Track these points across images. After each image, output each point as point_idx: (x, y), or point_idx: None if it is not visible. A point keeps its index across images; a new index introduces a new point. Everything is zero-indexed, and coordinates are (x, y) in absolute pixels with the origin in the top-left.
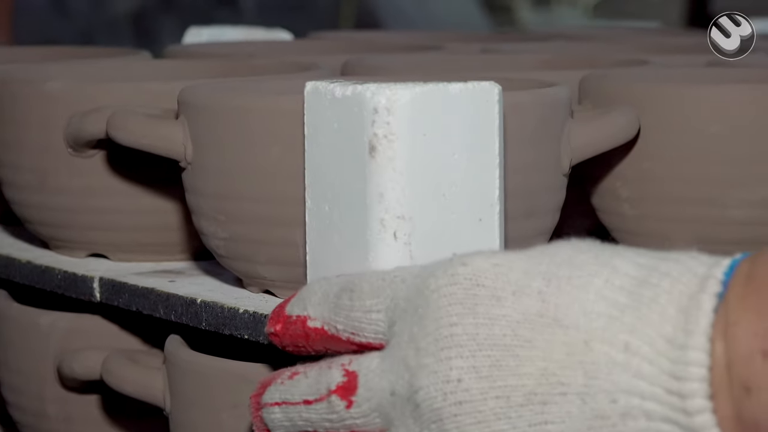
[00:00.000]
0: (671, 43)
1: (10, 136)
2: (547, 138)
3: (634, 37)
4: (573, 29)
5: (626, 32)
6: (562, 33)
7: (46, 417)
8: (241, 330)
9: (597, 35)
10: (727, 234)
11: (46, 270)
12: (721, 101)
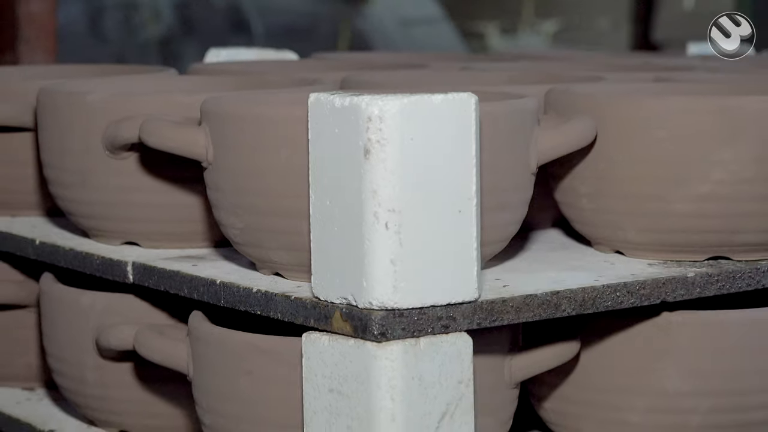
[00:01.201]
0: (621, 64)
1: (55, 142)
2: (517, 142)
3: (590, 59)
4: (537, 52)
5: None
6: (527, 55)
7: (85, 382)
8: (255, 307)
9: (557, 57)
10: (671, 225)
11: (86, 256)
12: (666, 111)
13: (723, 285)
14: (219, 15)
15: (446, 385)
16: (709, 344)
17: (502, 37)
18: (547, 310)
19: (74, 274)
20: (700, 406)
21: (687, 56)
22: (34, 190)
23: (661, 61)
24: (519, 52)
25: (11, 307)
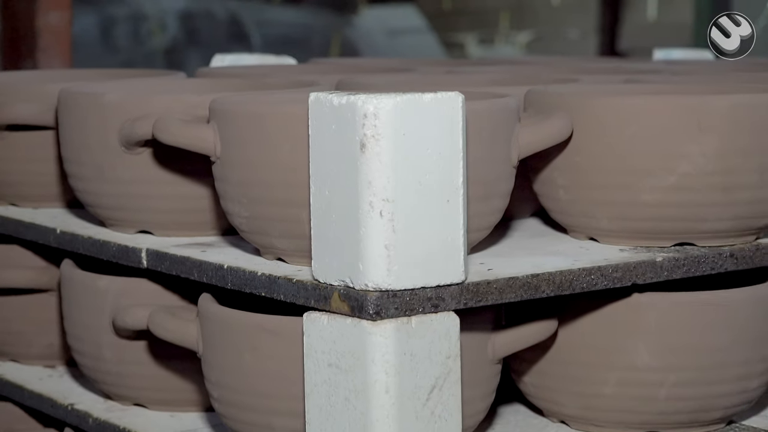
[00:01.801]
0: (593, 67)
1: (75, 138)
2: (500, 138)
3: (564, 63)
4: (514, 59)
5: (556, 60)
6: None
7: (102, 359)
8: (259, 289)
9: (534, 62)
10: (641, 213)
11: (103, 243)
12: (637, 109)
13: (688, 269)
14: (220, 26)
15: (435, 360)
16: (676, 323)
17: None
18: (528, 291)
19: (92, 260)
20: (666, 380)
21: (653, 61)
22: (55, 183)
23: (629, 66)
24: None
25: (34, 291)
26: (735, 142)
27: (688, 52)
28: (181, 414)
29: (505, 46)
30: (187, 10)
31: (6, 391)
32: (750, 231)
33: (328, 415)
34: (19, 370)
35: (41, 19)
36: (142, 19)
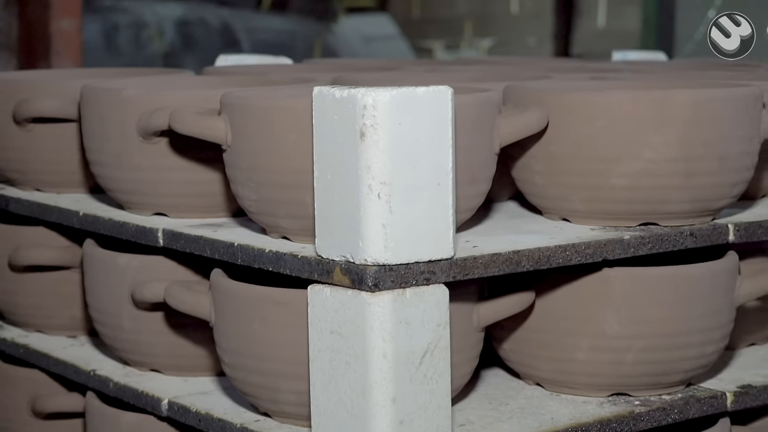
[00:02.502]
0: (560, 67)
1: (96, 130)
2: (484, 128)
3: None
4: (485, 59)
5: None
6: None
7: (122, 330)
8: (267, 264)
9: (506, 62)
10: (610, 196)
11: (122, 224)
12: (605, 103)
13: (653, 246)
14: (213, 33)
15: (427, 327)
16: (641, 295)
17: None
18: (510, 265)
19: (112, 240)
20: (633, 346)
21: (613, 62)
22: (76, 171)
23: (592, 65)
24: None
25: (58, 268)
26: (695, 133)
27: (642, 54)
28: (193, 378)
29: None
30: (183, 18)
31: (33, 359)
32: (707, 212)
33: (330, 378)
34: (44, 340)
35: (54, 25)
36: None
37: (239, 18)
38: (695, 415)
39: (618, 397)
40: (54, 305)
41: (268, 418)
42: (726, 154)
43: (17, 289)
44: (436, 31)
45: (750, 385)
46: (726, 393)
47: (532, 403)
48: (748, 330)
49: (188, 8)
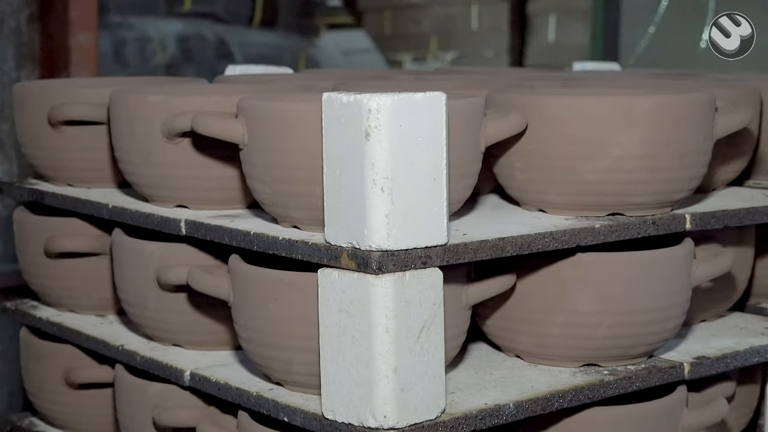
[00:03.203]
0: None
1: (125, 131)
2: (472, 129)
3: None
4: (462, 69)
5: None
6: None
7: (147, 309)
8: (280, 250)
9: (481, 71)
10: (582, 190)
11: (148, 215)
12: (578, 106)
13: (620, 233)
14: (210, 47)
15: (424, 306)
16: (610, 277)
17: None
18: (496, 251)
19: (138, 229)
20: (603, 322)
21: (575, 71)
22: (106, 167)
23: (559, 74)
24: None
25: (89, 255)
26: (657, 133)
27: (599, 64)
28: (212, 352)
29: (434, 63)
30: (183, 34)
31: (67, 335)
32: (667, 203)
33: (338, 351)
34: (76, 318)
35: (72, 39)
36: (148, 40)
37: (233, 33)
38: (657, 383)
39: (589, 367)
40: (85, 288)
41: (280, 387)
42: (685, 152)
43: (52, 273)
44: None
45: (704, 356)
46: (683, 363)
47: (513, 373)
48: (702, 308)
49: (188, 25)
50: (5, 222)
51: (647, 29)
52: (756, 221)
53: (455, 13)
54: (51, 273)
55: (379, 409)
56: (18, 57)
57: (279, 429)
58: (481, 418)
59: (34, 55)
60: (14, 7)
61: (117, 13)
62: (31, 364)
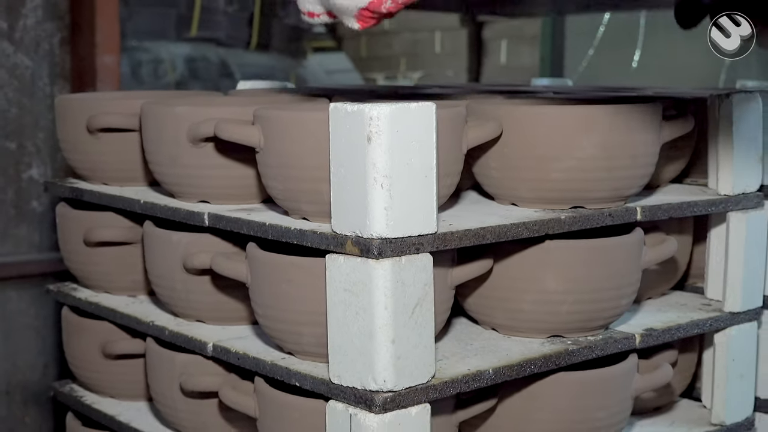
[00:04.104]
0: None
1: (155, 137)
2: (456, 135)
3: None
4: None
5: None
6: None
7: (175, 290)
8: (291, 238)
9: (451, 87)
10: (549, 186)
11: (175, 210)
12: (545, 115)
13: (582, 224)
14: (213, 67)
15: (417, 286)
16: (573, 261)
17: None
18: (477, 238)
19: (166, 221)
20: (567, 300)
21: (534, 86)
22: (137, 168)
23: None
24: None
25: (123, 243)
26: (613, 138)
27: (555, 80)
28: (231, 326)
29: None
30: (190, 56)
31: (103, 313)
32: (621, 198)
33: (343, 325)
34: (112, 298)
35: (99, 60)
36: (160, 61)
37: (233, 55)
38: (612, 352)
39: (555, 338)
40: (119, 272)
41: (292, 357)
42: (636, 154)
43: (90, 260)
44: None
45: (652, 328)
46: (635, 335)
47: (490, 343)
48: (649, 287)
49: (194, 48)
50: (40, 217)
51: (588, 51)
52: (694, 213)
53: (421, 39)
54: (89, 259)
55: (379, 374)
56: (51, 75)
57: (290, 392)
58: (465, 382)
59: (65, 74)
60: (48, 32)
61: (134, 38)
62: (72, 339)
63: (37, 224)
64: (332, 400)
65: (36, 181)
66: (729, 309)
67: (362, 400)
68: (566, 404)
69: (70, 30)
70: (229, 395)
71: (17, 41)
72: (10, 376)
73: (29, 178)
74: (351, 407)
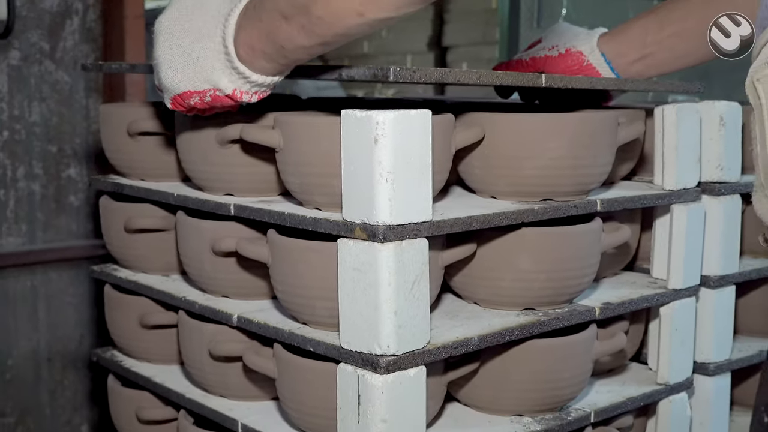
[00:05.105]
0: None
1: (187, 138)
2: (446, 137)
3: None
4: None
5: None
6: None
7: (203, 270)
8: (307, 226)
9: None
10: (524, 182)
11: (204, 201)
12: (521, 121)
13: (552, 213)
14: None
15: (416, 266)
16: (545, 245)
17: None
18: (465, 226)
19: (197, 211)
20: (539, 278)
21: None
22: (170, 167)
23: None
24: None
25: (158, 230)
26: (578, 141)
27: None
28: (253, 300)
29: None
30: None
31: (141, 290)
32: (584, 192)
33: (352, 299)
34: (148, 277)
35: (128, 76)
36: None
37: None
38: (576, 322)
39: (528, 310)
40: (154, 255)
41: (306, 326)
42: (597, 155)
43: (129, 244)
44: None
45: (609, 302)
46: (595, 308)
47: (474, 315)
48: (605, 268)
49: None
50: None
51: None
52: (644, 205)
53: (395, 61)
54: (129, 244)
55: (383, 340)
56: (87, 89)
57: (305, 357)
58: (454, 347)
59: (98, 87)
60: (84, 53)
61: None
62: (114, 312)
63: (75, 216)
64: (342, 363)
65: (73, 179)
66: (672, 286)
67: (368, 362)
68: (538, 366)
69: (102, 51)
70: (251, 359)
71: (58, 60)
72: (51, 346)
73: (68, 177)
74: (359, 369)
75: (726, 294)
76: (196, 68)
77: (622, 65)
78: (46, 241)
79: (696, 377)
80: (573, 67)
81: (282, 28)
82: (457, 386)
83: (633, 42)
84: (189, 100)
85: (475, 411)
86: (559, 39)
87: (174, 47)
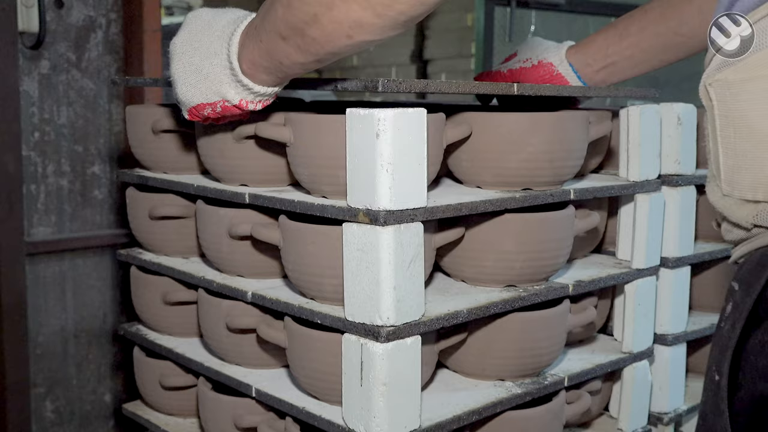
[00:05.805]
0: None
1: (207, 136)
2: (438, 133)
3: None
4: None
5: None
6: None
7: (221, 252)
8: (315, 212)
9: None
10: (507, 173)
11: (221, 190)
12: (505, 119)
13: (531, 201)
14: None
15: (412, 247)
16: (525, 229)
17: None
18: (456, 211)
19: (214, 200)
20: (519, 258)
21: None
22: (191, 160)
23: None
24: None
25: (180, 218)
26: (555, 137)
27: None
28: (265, 279)
29: None
30: None
31: (164, 270)
32: (559, 183)
33: (356, 276)
34: (170, 259)
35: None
36: None
37: None
38: (551, 297)
39: (510, 287)
40: (176, 239)
41: (314, 301)
42: (571, 149)
43: (154, 230)
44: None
45: (581, 280)
46: (569, 285)
47: (462, 291)
48: (577, 250)
49: None
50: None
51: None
52: (611, 194)
53: (380, 72)
54: (153, 230)
55: (384, 313)
56: (109, 95)
57: (313, 328)
58: (446, 319)
59: (120, 94)
60: (107, 63)
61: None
62: (139, 290)
63: (98, 208)
64: (347, 333)
65: (97, 176)
66: (635, 266)
67: (370, 332)
68: (519, 336)
69: (124, 61)
70: (264, 331)
71: (83, 69)
72: (77, 323)
73: (92, 173)
74: (362, 338)
75: (682, 273)
76: (207, 82)
77: (588, 74)
78: (73, 231)
79: (656, 347)
80: (545, 77)
81: (280, 47)
82: (447, 354)
83: (597, 53)
84: (203, 111)
85: (463, 376)
86: (532, 52)
87: (187, 65)
